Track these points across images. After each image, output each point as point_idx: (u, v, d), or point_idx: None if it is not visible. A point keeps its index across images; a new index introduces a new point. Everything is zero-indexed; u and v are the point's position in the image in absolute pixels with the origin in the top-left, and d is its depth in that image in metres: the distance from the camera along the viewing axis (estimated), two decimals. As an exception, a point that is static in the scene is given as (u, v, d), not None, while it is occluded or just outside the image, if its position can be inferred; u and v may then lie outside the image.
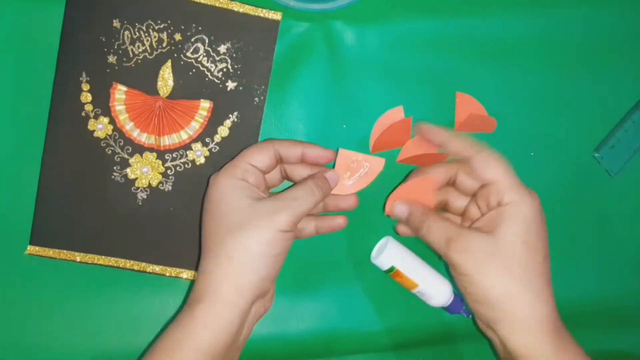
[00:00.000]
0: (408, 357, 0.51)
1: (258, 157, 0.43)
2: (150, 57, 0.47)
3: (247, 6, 0.47)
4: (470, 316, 0.49)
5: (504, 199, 0.40)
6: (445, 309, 0.48)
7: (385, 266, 0.47)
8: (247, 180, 0.42)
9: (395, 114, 0.49)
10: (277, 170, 0.46)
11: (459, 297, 0.48)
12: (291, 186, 0.43)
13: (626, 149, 0.52)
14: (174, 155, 0.48)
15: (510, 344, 0.39)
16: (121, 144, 0.47)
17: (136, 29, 0.46)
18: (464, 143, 0.43)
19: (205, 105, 0.47)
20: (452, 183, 0.46)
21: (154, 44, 0.47)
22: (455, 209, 0.47)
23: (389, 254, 0.47)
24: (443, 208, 0.48)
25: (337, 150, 0.46)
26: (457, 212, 0.47)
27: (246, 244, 0.39)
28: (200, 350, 0.38)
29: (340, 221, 0.47)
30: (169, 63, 0.47)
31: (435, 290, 0.47)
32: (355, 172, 0.47)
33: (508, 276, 0.39)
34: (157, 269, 0.48)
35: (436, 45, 0.49)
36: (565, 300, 0.49)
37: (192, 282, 0.49)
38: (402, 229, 0.47)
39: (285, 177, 0.47)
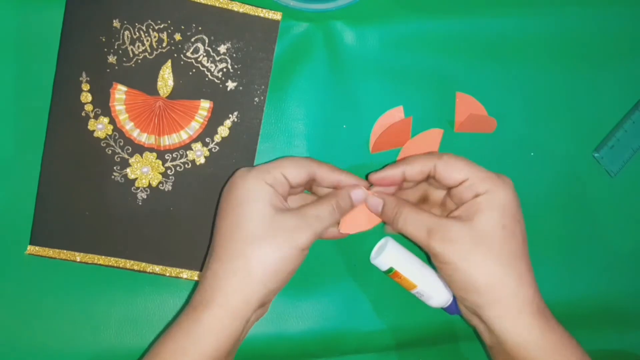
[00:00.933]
0: (408, 357, 0.51)
1: (293, 172, 0.42)
2: (150, 57, 0.47)
3: (247, 6, 0.47)
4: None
5: (479, 190, 0.41)
6: (445, 309, 0.48)
7: (384, 267, 0.47)
8: (274, 188, 0.41)
9: (395, 114, 0.49)
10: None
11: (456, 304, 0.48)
12: (314, 201, 0.43)
13: (626, 149, 0.52)
14: (174, 155, 0.48)
15: (496, 328, 0.40)
16: (121, 144, 0.47)
17: (136, 29, 0.46)
18: (420, 160, 0.43)
19: (205, 105, 0.47)
20: (421, 182, 0.45)
21: (154, 44, 0.47)
22: (435, 201, 0.47)
23: (388, 255, 0.47)
24: (423, 201, 0.47)
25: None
26: (437, 204, 0.47)
27: (264, 259, 0.39)
28: (205, 356, 0.38)
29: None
30: (169, 63, 0.47)
31: (434, 291, 0.47)
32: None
33: (491, 262, 0.39)
34: (157, 269, 0.48)
35: (436, 45, 0.49)
36: (565, 300, 0.50)
37: (194, 283, 0.49)
38: (389, 229, 0.47)
39: (309, 189, 0.46)
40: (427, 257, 0.49)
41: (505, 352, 0.40)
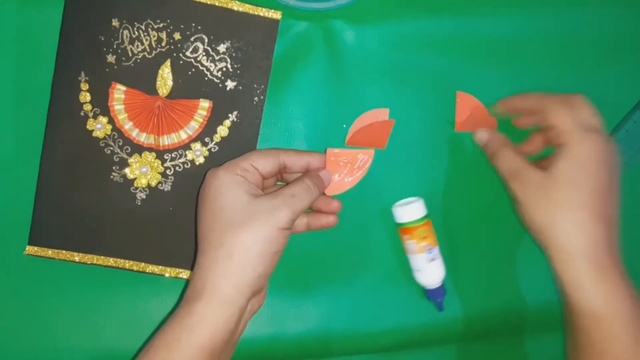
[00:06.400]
0: (407, 358, 0.51)
1: (262, 162, 0.43)
2: (150, 56, 0.46)
3: (246, 5, 0.47)
4: (443, 312, 0.49)
5: (561, 140, 0.43)
6: (428, 291, 0.49)
7: (419, 214, 0.47)
8: (246, 178, 0.42)
9: (380, 114, 0.49)
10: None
11: (444, 289, 0.49)
12: (287, 184, 0.44)
13: (627, 149, 0.52)
14: (173, 155, 0.47)
15: (555, 269, 0.42)
16: (120, 143, 0.47)
17: (135, 29, 0.46)
18: (536, 97, 0.47)
19: (204, 104, 0.47)
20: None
21: (153, 44, 0.46)
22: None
23: (423, 205, 0.48)
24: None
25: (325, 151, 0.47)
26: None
27: (245, 242, 0.40)
28: (199, 347, 0.38)
29: (331, 219, 0.47)
30: (168, 62, 0.47)
31: (438, 264, 0.48)
32: (351, 168, 0.47)
33: (552, 208, 0.42)
34: (156, 269, 0.48)
35: (436, 45, 0.49)
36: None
37: (192, 283, 0.49)
38: (479, 135, 0.50)
39: (280, 179, 0.48)
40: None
41: (562, 291, 0.42)
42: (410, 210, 0.47)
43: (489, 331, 0.52)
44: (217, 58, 0.47)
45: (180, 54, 0.47)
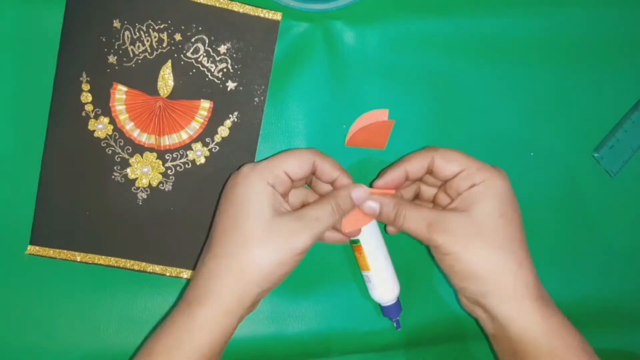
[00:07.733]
0: (407, 357, 0.51)
1: (295, 168, 0.42)
2: (151, 57, 0.47)
3: (247, 6, 0.47)
4: (400, 329, 0.49)
5: (475, 180, 0.41)
6: (382, 307, 0.49)
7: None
8: (276, 189, 0.41)
9: (379, 114, 0.49)
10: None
11: (400, 306, 0.48)
12: (313, 202, 0.43)
13: (626, 149, 0.52)
14: (174, 155, 0.48)
15: (499, 314, 0.40)
16: (121, 144, 0.47)
17: (136, 29, 0.46)
18: (419, 156, 0.43)
19: (205, 105, 0.47)
20: (420, 178, 0.45)
21: (154, 44, 0.47)
22: (427, 198, 0.47)
23: (362, 229, 0.46)
24: (415, 199, 0.48)
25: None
26: (429, 200, 0.47)
27: (259, 261, 0.39)
28: (199, 352, 0.39)
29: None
30: (169, 63, 0.47)
31: (381, 285, 0.47)
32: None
33: (492, 249, 0.40)
34: (157, 268, 0.48)
35: (436, 46, 0.49)
36: (564, 300, 0.49)
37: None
38: (390, 229, 0.47)
39: (309, 183, 0.47)
40: (428, 251, 0.49)
41: (508, 339, 0.41)
42: None
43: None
44: (217, 59, 0.47)
45: (181, 55, 0.47)
